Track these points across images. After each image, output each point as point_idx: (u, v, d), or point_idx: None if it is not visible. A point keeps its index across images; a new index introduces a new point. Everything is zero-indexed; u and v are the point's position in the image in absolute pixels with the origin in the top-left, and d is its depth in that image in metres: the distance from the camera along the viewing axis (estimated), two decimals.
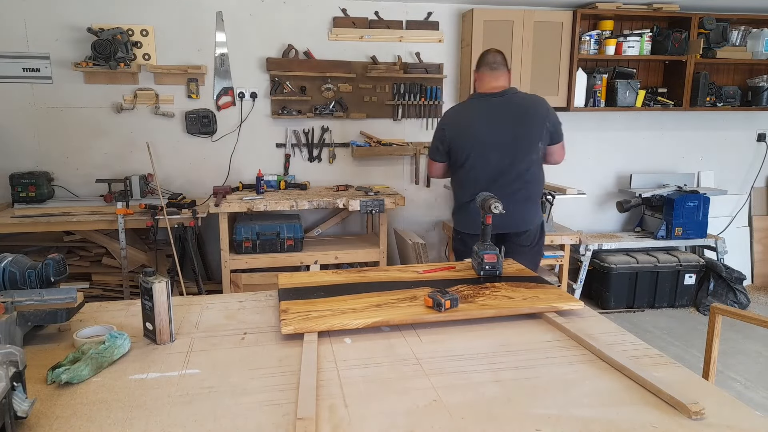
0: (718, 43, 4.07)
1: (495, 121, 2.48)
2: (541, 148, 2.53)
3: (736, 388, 2.91)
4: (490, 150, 2.47)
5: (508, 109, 2.49)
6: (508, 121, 2.47)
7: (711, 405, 0.95)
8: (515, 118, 2.47)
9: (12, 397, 0.85)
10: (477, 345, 1.22)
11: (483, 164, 2.49)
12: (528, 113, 2.49)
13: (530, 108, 2.51)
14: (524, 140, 2.47)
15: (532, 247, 2.60)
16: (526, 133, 2.47)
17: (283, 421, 0.92)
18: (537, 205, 2.61)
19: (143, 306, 1.23)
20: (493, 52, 2.56)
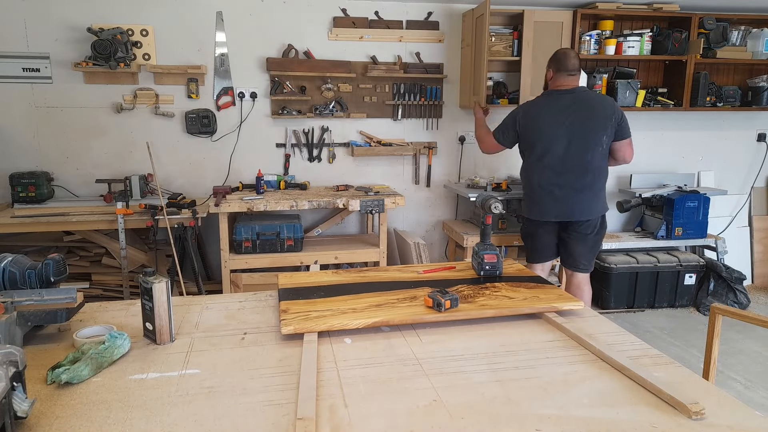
0: (718, 43, 4.07)
1: (564, 115, 2.74)
2: (606, 142, 2.77)
3: (736, 388, 2.90)
4: (557, 141, 2.74)
5: (577, 104, 2.74)
6: (576, 115, 2.73)
7: (711, 405, 0.95)
8: (583, 113, 2.73)
9: (12, 397, 0.85)
10: (477, 345, 1.22)
11: (550, 155, 2.77)
12: (596, 109, 2.75)
13: (598, 104, 2.77)
14: (590, 134, 2.72)
15: (593, 236, 2.86)
16: (592, 127, 2.73)
17: (283, 421, 0.92)
18: (599, 196, 2.83)
19: (143, 306, 1.23)
20: (572, 57, 2.79)
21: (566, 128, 2.73)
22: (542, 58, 3.88)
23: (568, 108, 2.75)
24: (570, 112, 2.74)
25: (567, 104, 2.75)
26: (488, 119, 3.59)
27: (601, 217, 2.86)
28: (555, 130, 2.75)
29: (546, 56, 3.88)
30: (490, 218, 1.60)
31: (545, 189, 2.80)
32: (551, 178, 2.79)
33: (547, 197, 2.81)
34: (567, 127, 2.73)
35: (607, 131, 2.74)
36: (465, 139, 4.10)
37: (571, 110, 2.74)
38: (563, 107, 2.76)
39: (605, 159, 2.82)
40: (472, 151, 4.17)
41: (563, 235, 2.89)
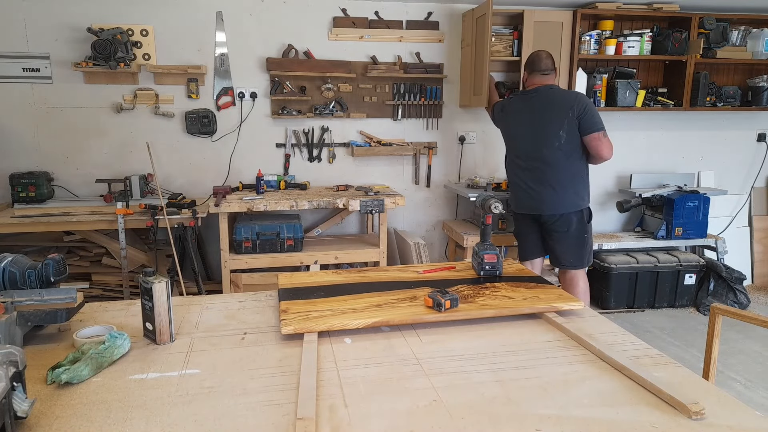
0: (718, 43, 4.07)
1: (526, 112, 2.88)
2: (564, 137, 2.78)
3: (737, 388, 2.90)
4: (521, 138, 2.92)
5: (539, 101, 2.84)
6: (537, 112, 2.83)
7: (711, 405, 0.95)
8: (542, 109, 2.82)
9: (12, 397, 0.85)
10: (477, 345, 1.22)
11: (517, 151, 2.95)
12: (554, 104, 2.81)
13: (557, 99, 2.83)
14: (546, 128, 2.79)
15: (572, 233, 2.88)
16: (548, 121, 2.79)
17: (283, 421, 0.92)
18: (569, 192, 2.83)
19: (143, 306, 1.23)
20: (545, 58, 2.88)
21: (527, 125, 2.87)
22: None
23: (530, 105, 2.87)
24: (532, 109, 2.86)
25: (531, 102, 2.88)
26: (488, 118, 3.60)
27: (576, 213, 2.85)
28: (517, 128, 2.95)
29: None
30: (490, 218, 1.59)
31: (516, 183, 2.98)
32: (519, 174, 2.95)
33: (519, 191, 2.96)
34: (527, 124, 2.87)
35: (564, 126, 2.76)
36: (465, 139, 4.10)
37: (533, 107, 2.86)
38: (527, 105, 2.90)
39: (571, 154, 2.81)
40: (472, 151, 4.17)
41: (544, 233, 2.98)
